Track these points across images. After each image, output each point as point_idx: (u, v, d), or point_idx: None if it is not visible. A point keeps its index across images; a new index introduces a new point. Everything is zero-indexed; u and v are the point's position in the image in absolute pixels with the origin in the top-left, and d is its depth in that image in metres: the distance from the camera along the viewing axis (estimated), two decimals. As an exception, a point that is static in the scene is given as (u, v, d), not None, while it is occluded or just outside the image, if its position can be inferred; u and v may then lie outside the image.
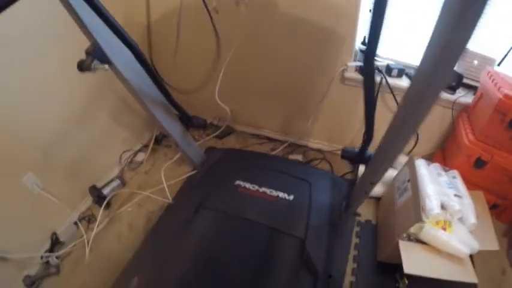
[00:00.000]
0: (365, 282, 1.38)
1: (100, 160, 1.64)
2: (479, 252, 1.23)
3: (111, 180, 1.63)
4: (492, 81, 1.41)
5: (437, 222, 1.26)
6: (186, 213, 1.29)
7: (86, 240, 1.43)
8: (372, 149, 1.21)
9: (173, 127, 1.32)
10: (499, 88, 1.35)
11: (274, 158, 1.79)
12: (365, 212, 1.61)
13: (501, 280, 1.51)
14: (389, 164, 1.00)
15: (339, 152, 1.88)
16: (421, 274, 1.16)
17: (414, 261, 1.20)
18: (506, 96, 1.30)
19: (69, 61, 0.97)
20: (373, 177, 1.08)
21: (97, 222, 1.50)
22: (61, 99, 1.39)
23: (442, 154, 1.72)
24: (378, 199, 1.66)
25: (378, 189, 1.62)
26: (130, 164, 1.74)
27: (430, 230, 1.23)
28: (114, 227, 1.53)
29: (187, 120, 1.38)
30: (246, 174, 1.38)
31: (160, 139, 1.82)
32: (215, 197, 1.33)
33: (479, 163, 1.46)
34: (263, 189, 1.33)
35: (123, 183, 1.66)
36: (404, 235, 1.27)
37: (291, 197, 1.32)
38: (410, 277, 1.37)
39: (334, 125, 1.87)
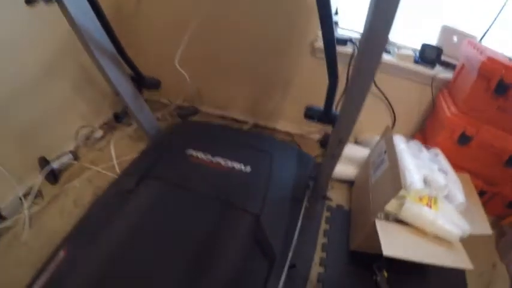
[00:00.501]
0: (336, 274, 1.04)
1: (55, 132, 1.31)
2: (466, 244, 0.90)
3: (63, 154, 1.31)
4: (474, 48, 1.12)
5: (420, 199, 0.92)
6: (127, 184, 0.95)
7: (26, 216, 1.11)
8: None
9: (123, 85, 1.00)
10: (482, 52, 1.06)
11: (234, 129, 1.43)
12: (337, 197, 1.27)
13: (491, 275, 1.16)
14: (357, 112, 0.69)
15: (309, 136, 1.58)
16: (404, 257, 0.82)
17: (395, 243, 0.85)
18: (489, 59, 1.00)
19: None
20: (341, 133, 0.77)
21: (42, 198, 1.18)
22: (18, 60, 1.11)
23: (422, 136, 1.40)
24: (351, 184, 1.33)
25: (350, 171, 1.29)
26: (87, 140, 1.42)
27: (412, 207, 0.89)
28: (59, 202, 1.19)
29: (139, 81, 1.08)
30: (200, 144, 1.06)
31: (121, 117, 1.50)
32: (161, 167, 0.99)
33: (464, 139, 1.14)
34: (217, 159, 1.00)
35: (75, 158, 1.33)
36: (382, 215, 0.93)
37: (248, 169, 0.98)
38: (390, 269, 1.03)
39: (301, 108, 1.53)
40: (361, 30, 0.60)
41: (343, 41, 1.29)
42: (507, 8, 1.16)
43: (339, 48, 1.02)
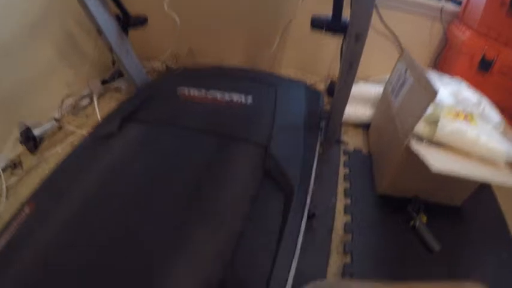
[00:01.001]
0: (365, 222, 0.84)
1: (38, 101, 1.14)
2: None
3: (46, 121, 1.12)
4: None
5: (457, 114, 0.73)
6: (107, 128, 0.77)
7: (3, 188, 0.93)
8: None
9: (107, 22, 0.84)
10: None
11: (233, 67, 1.15)
12: (353, 142, 1.08)
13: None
14: (369, 15, 0.51)
15: (314, 84, 1.35)
16: (456, 172, 0.63)
17: (439, 159, 0.66)
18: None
19: None
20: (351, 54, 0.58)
21: (21, 168, 0.99)
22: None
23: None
24: (365, 128, 1.13)
25: (364, 112, 1.10)
26: (73, 108, 1.23)
27: (449, 124, 0.71)
28: (39, 171, 1.01)
29: (125, 20, 0.91)
30: (192, 81, 0.88)
31: (109, 81, 1.32)
32: (148, 109, 0.82)
33: (484, 64, 0.96)
34: (212, 93, 0.82)
35: (60, 126, 1.14)
36: (413, 141, 0.74)
37: (249, 100, 0.80)
38: (429, 211, 0.83)
39: (304, 55, 1.36)
40: None
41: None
42: None
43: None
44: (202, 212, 0.57)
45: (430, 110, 0.74)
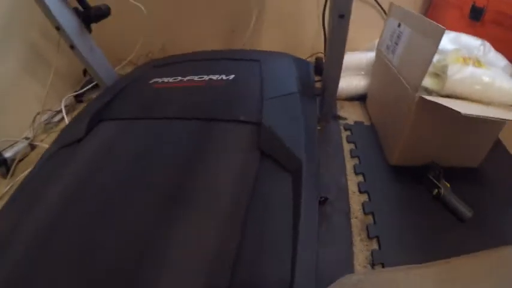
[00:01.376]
0: (384, 199, 0.72)
1: (5, 118, 1.00)
2: None
3: (17, 142, 0.97)
4: None
5: (464, 60, 0.62)
6: (74, 133, 0.63)
7: None
8: None
9: (65, 16, 0.72)
10: None
11: (207, 51, 0.93)
12: (351, 116, 0.97)
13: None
14: None
15: None
16: (485, 115, 0.51)
17: (461, 106, 0.55)
18: None
19: None
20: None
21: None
22: None
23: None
24: (362, 100, 1.02)
25: (358, 82, 0.98)
26: (46, 125, 1.09)
27: (460, 71, 0.59)
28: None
29: (85, 13, 0.78)
30: (166, 70, 0.75)
31: (82, 95, 1.18)
32: (118, 105, 0.69)
33: (476, 12, 0.86)
34: (189, 77, 0.70)
35: (32, 146, 1.00)
36: (421, 95, 0.62)
37: (231, 77, 0.67)
38: (450, 178, 0.71)
39: (285, 36, 1.23)
40: None
41: None
42: None
43: None
44: (196, 204, 0.44)
45: (434, 60, 0.63)
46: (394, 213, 0.69)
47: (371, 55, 0.99)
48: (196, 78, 0.69)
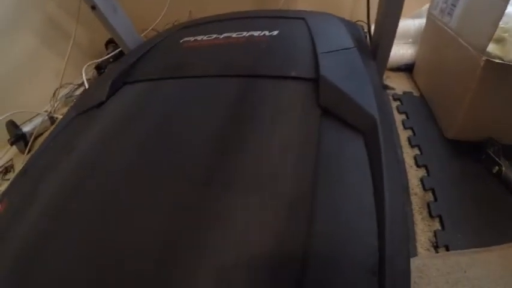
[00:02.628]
0: (444, 174, 0.61)
1: (25, 93, 0.95)
2: None
3: (36, 116, 0.92)
4: None
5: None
6: (94, 97, 0.55)
7: None
8: None
9: None
10: None
11: (243, 12, 0.77)
12: (398, 86, 0.84)
13: None
14: None
15: None
16: None
17: None
18: None
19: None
20: None
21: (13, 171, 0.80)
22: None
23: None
24: (408, 70, 0.89)
25: (404, 52, 0.86)
26: (68, 98, 1.03)
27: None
28: None
29: None
30: (198, 29, 0.66)
31: (104, 69, 1.11)
32: (145, 67, 0.60)
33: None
34: (225, 34, 0.60)
35: (52, 120, 0.94)
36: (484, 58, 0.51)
37: (275, 32, 0.57)
38: (509, 156, 0.60)
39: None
40: None
41: None
42: None
43: None
44: (250, 173, 0.35)
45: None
46: (455, 190, 0.59)
47: (420, 21, 0.87)
48: (234, 35, 0.58)
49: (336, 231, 0.30)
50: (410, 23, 0.88)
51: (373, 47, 0.68)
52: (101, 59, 1.07)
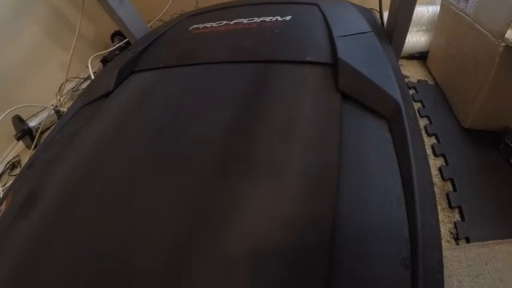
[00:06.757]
0: (462, 164, 0.59)
1: (31, 87, 0.93)
2: None
3: (42, 111, 0.90)
4: None
5: None
6: (101, 87, 0.53)
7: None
8: None
9: None
10: None
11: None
12: (412, 75, 0.82)
13: None
14: None
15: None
16: None
17: None
18: None
19: None
20: None
21: (20, 167, 0.78)
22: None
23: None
24: (422, 58, 0.86)
25: (418, 39, 0.83)
26: (74, 92, 1.01)
27: None
28: None
29: None
30: (207, 16, 0.63)
31: (110, 60, 1.09)
32: (153, 55, 0.57)
33: None
34: (236, 21, 0.57)
35: (59, 115, 0.92)
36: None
37: (287, 17, 0.54)
38: None
39: None
40: None
41: None
42: None
43: None
44: (272, 158, 0.33)
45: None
46: (474, 180, 0.57)
47: (434, 8, 0.83)
48: (245, 20, 0.56)
49: (364, 221, 0.28)
50: (423, 10, 0.84)
51: (387, 34, 0.65)
52: (107, 51, 1.04)
